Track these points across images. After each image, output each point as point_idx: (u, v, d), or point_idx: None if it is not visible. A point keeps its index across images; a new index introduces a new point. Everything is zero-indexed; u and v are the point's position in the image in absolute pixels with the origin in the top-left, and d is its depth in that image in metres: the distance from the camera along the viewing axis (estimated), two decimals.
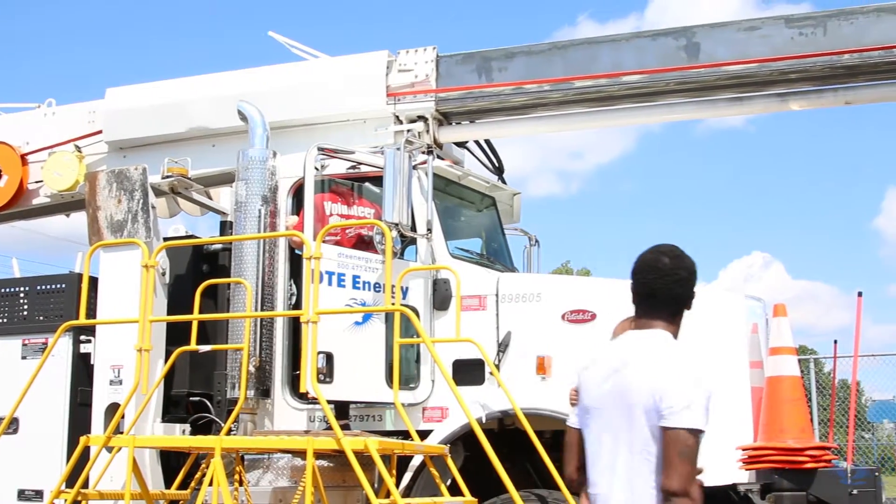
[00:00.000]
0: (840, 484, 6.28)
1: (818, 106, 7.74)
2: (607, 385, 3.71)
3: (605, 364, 3.79)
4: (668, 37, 7.74)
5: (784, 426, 6.43)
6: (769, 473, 6.33)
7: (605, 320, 6.94)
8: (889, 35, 7.24)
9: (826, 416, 15.84)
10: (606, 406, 3.70)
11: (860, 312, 6.98)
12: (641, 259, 3.94)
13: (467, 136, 8.60)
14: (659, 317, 3.94)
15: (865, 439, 33.48)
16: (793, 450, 6.28)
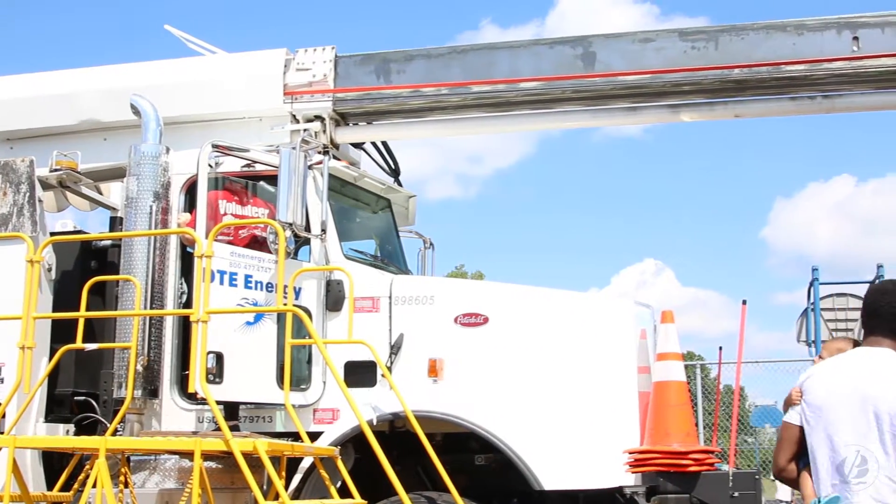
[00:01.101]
0: (722, 487, 6.43)
1: (709, 118, 7.94)
2: (846, 389, 4.14)
3: (843, 374, 4.24)
4: (566, 45, 7.85)
5: (669, 430, 6.54)
6: (654, 476, 6.44)
7: (497, 324, 7.02)
8: (777, 52, 7.46)
9: (711, 420, 16.21)
10: (851, 414, 4.10)
11: (744, 320, 7.17)
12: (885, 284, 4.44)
13: (364, 137, 8.58)
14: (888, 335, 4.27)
15: (748, 443, 34.32)
16: (677, 453, 6.39)
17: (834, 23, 7.48)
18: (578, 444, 6.69)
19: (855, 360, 4.33)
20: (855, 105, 7.76)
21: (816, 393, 4.27)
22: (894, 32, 7.37)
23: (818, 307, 21.97)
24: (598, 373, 6.87)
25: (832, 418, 4.17)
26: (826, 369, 4.39)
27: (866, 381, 4.13)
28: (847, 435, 4.11)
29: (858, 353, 4.36)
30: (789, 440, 4.46)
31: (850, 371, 4.23)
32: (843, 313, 22.38)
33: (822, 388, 4.26)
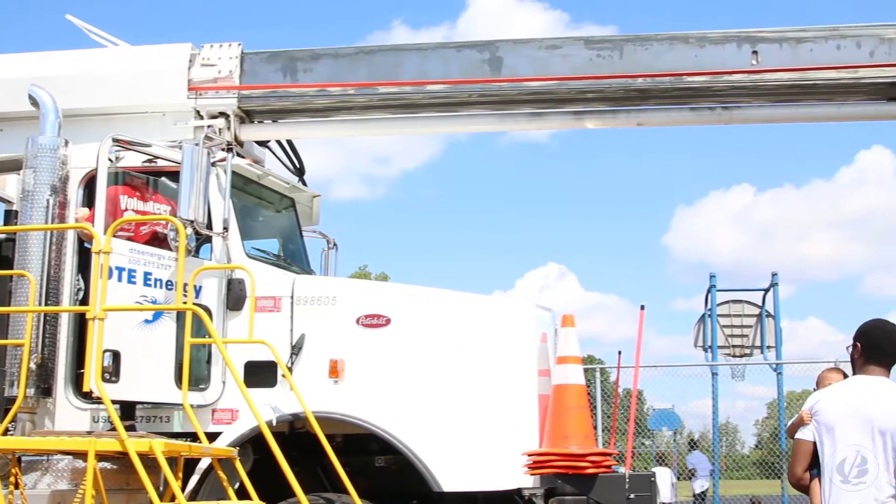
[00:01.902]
0: (619, 489, 6.55)
1: (612, 126, 8.06)
2: (858, 415, 4.93)
3: (851, 398, 5.03)
4: (473, 49, 7.89)
5: (568, 433, 6.63)
6: (553, 478, 6.53)
7: (399, 325, 7.03)
8: (680, 63, 7.62)
9: (610, 423, 16.44)
10: (858, 430, 4.90)
11: (642, 325, 7.28)
12: (888, 327, 5.18)
13: (269, 135, 8.51)
14: (889, 366, 5.15)
15: (646, 446, 34.95)
16: (575, 456, 6.49)
17: (735, 36, 7.67)
18: (478, 445, 6.74)
19: (858, 386, 5.13)
20: (753, 117, 7.97)
21: (828, 414, 5.05)
22: (792, 48, 7.59)
23: (715, 313, 22.51)
24: (498, 375, 6.93)
25: (840, 433, 4.96)
26: (834, 394, 5.19)
27: (870, 403, 4.94)
28: (849, 439, 4.91)
29: (860, 380, 5.16)
30: (804, 454, 5.24)
31: (855, 395, 5.04)
32: (738, 319, 22.97)
33: (832, 410, 5.04)
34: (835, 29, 7.67)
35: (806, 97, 7.82)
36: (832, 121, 8.13)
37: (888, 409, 4.89)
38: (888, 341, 5.14)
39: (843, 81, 7.58)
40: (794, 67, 7.55)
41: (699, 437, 27.16)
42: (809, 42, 7.61)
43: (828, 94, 7.77)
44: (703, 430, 30.20)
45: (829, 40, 7.61)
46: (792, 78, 7.57)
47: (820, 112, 7.93)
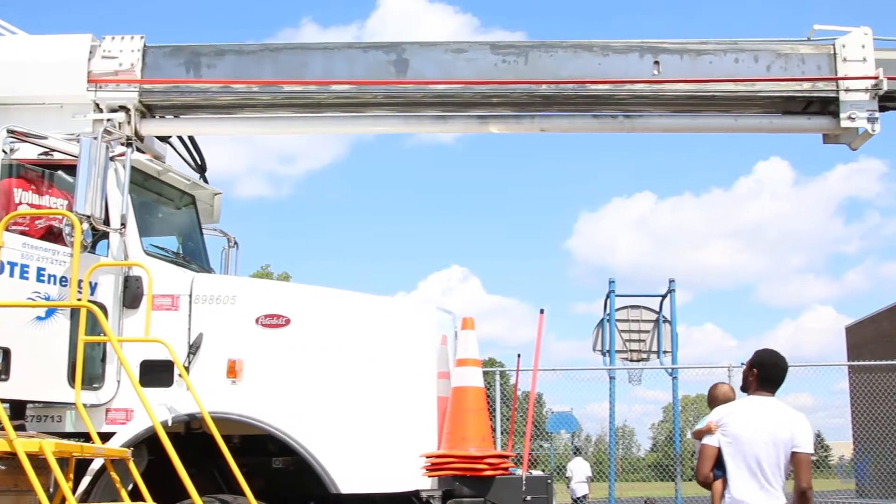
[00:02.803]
0: (516, 490, 6.61)
1: (516, 131, 8.13)
2: (754, 425, 6.04)
3: (754, 416, 6.10)
4: (379, 50, 7.89)
5: (466, 435, 6.67)
6: (450, 480, 6.57)
7: (299, 326, 6.98)
8: (584, 70, 7.73)
9: (509, 426, 16.55)
10: (753, 439, 6.00)
11: (541, 328, 7.34)
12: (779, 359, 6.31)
13: (170, 130, 8.38)
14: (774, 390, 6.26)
15: (544, 448, 35.31)
16: (473, 458, 6.53)
17: (637, 46, 7.81)
18: (376, 447, 6.73)
19: (757, 405, 6.18)
20: (653, 126, 8.12)
21: (733, 427, 6.09)
22: (692, 59, 7.76)
23: (613, 318, 22.86)
24: (397, 377, 6.94)
25: (747, 445, 6.01)
26: (739, 410, 6.23)
27: (769, 419, 6.06)
28: (753, 449, 5.98)
29: (757, 400, 6.20)
30: (710, 457, 6.17)
31: (756, 412, 6.12)
32: (636, 324, 23.36)
33: (738, 423, 6.09)
34: (734, 43, 7.86)
35: (705, 108, 7.99)
36: (729, 132, 8.33)
37: (784, 424, 6.03)
38: (778, 371, 6.29)
39: (741, 94, 7.78)
40: (694, 79, 7.72)
41: (596, 439, 27.53)
42: (709, 54, 7.79)
43: (726, 105, 7.96)
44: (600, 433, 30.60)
45: (728, 53, 7.80)
46: (691, 89, 7.74)
47: (718, 123, 8.12)
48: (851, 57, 7.76)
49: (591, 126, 8.07)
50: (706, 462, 6.18)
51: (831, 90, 7.75)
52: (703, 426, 6.40)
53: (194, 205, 8.46)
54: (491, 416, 17.00)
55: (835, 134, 7.94)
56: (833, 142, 8.03)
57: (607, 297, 23.31)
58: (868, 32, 7.81)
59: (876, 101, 7.70)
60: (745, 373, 6.37)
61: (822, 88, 7.77)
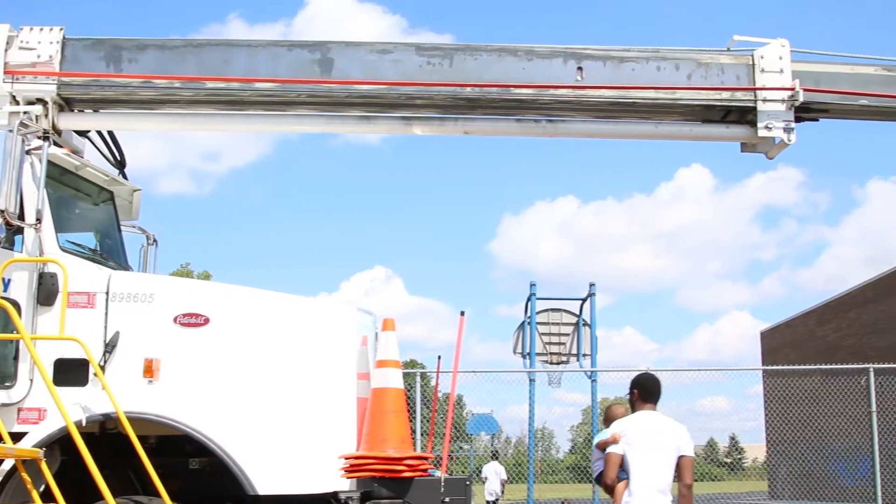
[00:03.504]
0: (434, 492, 6.63)
1: (440, 133, 8.13)
2: (649, 434, 7.14)
3: (648, 427, 7.20)
4: (304, 49, 7.84)
5: (386, 436, 6.68)
6: (369, 482, 6.57)
7: (217, 325, 6.91)
8: (508, 75, 7.77)
9: (429, 427, 16.57)
10: (649, 446, 7.09)
11: (462, 331, 7.36)
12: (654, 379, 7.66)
13: (89, 125, 8.23)
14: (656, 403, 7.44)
15: (464, 450, 35.43)
16: (392, 459, 6.54)
17: (561, 52, 7.87)
18: (294, 448, 6.70)
19: (647, 417, 7.31)
20: (575, 131, 8.19)
21: (633, 437, 7.14)
22: (615, 66, 7.85)
23: (534, 321, 23.04)
24: (316, 378, 6.91)
25: (646, 451, 7.09)
26: (635, 422, 7.30)
27: (658, 428, 7.21)
28: (649, 455, 7.06)
29: (646, 413, 7.34)
30: (616, 463, 7.14)
31: (648, 423, 7.25)
32: (556, 327, 23.57)
33: (636, 434, 7.15)
34: (656, 51, 7.97)
35: (627, 114, 8.09)
36: (650, 139, 8.43)
37: (672, 433, 7.21)
38: (654, 387, 7.53)
39: (662, 102, 7.89)
40: (616, 85, 7.80)
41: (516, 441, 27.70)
42: (632, 62, 7.89)
43: (647, 112, 8.07)
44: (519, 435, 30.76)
45: (650, 61, 7.91)
46: (614, 95, 7.82)
47: (639, 130, 8.22)
48: (769, 68, 7.92)
49: (513, 130, 8.12)
50: (613, 468, 7.18)
51: (749, 100, 7.90)
52: (608, 437, 7.33)
53: (112, 201, 8.32)
54: (411, 418, 17.00)
55: (752, 143, 8.09)
56: (750, 150, 8.19)
57: (528, 299, 23.47)
58: (786, 44, 7.98)
59: (792, 111, 7.87)
60: (630, 396, 7.62)
61: (741, 98, 7.92)
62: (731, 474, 70.14)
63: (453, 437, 32.77)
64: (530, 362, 22.71)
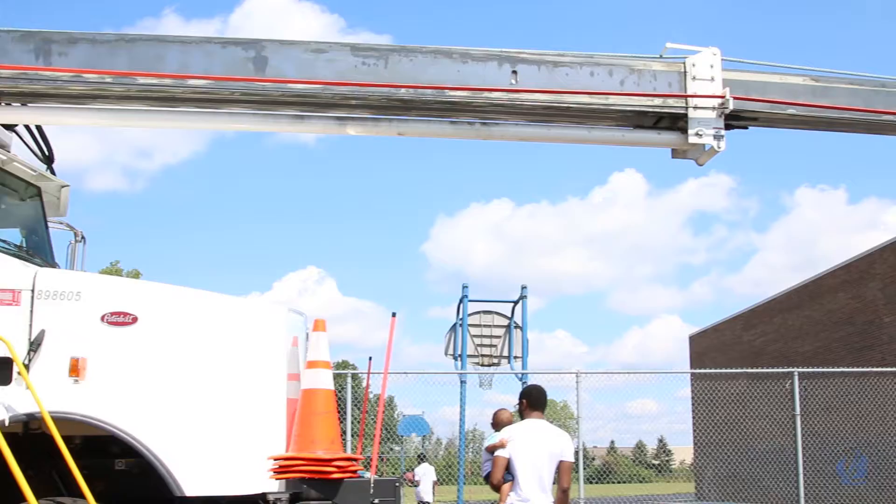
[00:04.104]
0: (363, 494, 6.63)
1: (374, 133, 8.11)
2: (535, 440, 7.93)
3: (533, 433, 8.00)
4: (238, 47, 7.77)
5: (315, 437, 6.66)
6: (298, 483, 6.54)
7: (146, 324, 6.82)
8: (443, 77, 7.78)
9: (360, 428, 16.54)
10: (534, 451, 7.88)
11: (392, 332, 7.38)
12: (541, 389, 8.49)
13: (17, 119, 8.06)
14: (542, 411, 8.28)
15: (394, 451, 35.42)
16: (322, 460, 6.52)
17: (496, 55, 7.90)
18: (222, 449, 6.64)
19: (533, 425, 8.12)
20: (509, 134, 8.23)
21: (520, 442, 7.91)
22: (549, 71, 7.90)
23: (466, 323, 23.12)
24: (246, 378, 6.85)
25: (531, 456, 7.85)
26: (521, 429, 8.11)
27: (542, 435, 8.00)
28: (532, 459, 7.83)
29: (533, 421, 8.13)
30: (503, 466, 7.90)
31: (534, 430, 8.04)
32: (488, 329, 23.68)
33: (523, 440, 7.93)
34: (590, 56, 8.04)
35: (560, 119, 8.15)
36: (583, 143, 8.49)
37: (555, 439, 8.02)
38: (541, 396, 8.37)
39: (595, 107, 7.95)
40: (550, 90, 7.85)
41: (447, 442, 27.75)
42: (566, 66, 7.94)
43: (580, 117, 8.13)
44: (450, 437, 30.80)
45: (584, 67, 7.97)
46: (547, 99, 7.87)
47: (572, 134, 8.28)
48: (701, 76, 8.03)
49: (447, 132, 8.13)
50: (500, 469, 7.96)
51: (681, 107, 8.01)
52: (497, 442, 8.16)
53: (40, 197, 8.18)
54: (341, 419, 16.95)
55: (683, 149, 8.20)
56: (681, 157, 8.30)
57: (460, 301, 23.54)
58: (717, 53, 8.10)
59: (722, 119, 7.99)
60: (519, 406, 8.51)
61: (673, 105, 8.02)
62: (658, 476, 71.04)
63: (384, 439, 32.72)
64: (462, 364, 22.78)
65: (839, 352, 32.85)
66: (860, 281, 32.51)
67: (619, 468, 61.70)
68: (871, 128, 8.49)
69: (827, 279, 35.13)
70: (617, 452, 70.56)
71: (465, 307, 23.28)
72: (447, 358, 23.55)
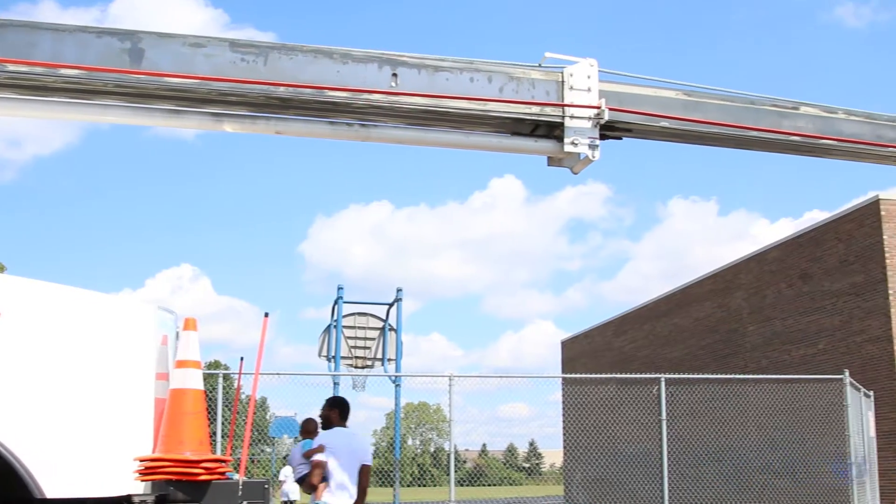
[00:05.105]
0: (232, 496, 6.55)
1: (251, 131, 8.02)
2: (346, 446, 9.71)
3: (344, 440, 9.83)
4: (114, 37, 7.59)
5: (183, 438, 6.56)
6: (164, 485, 6.43)
7: (8, 320, 6.60)
8: (323, 77, 7.73)
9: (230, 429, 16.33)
10: (345, 456, 9.65)
11: (265, 332, 7.33)
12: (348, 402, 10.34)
13: None
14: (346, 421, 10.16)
15: (266, 453, 35.06)
16: (189, 462, 6.43)
17: (377, 57, 7.90)
18: (86, 450, 6.47)
19: (343, 433, 9.91)
20: (388, 137, 8.23)
21: (334, 447, 9.61)
22: (429, 75, 7.93)
23: (340, 324, 23.05)
24: (112, 377, 6.70)
25: (343, 460, 9.50)
26: (335, 436, 9.83)
27: (351, 442, 9.86)
28: (343, 463, 9.53)
29: (342, 430, 9.95)
30: (321, 468, 9.46)
31: (344, 438, 9.86)
32: (362, 332, 23.66)
33: (337, 446, 9.64)
34: (470, 62, 8.11)
35: (439, 123, 8.19)
36: (461, 148, 8.56)
37: (360, 446, 9.91)
38: (347, 408, 10.20)
39: (473, 112, 8.02)
40: (430, 94, 7.89)
41: None
42: (446, 71, 7.99)
43: (459, 122, 8.18)
44: None
45: (464, 72, 8.03)
46: (427, 103, 7.90)
47: (450, 139, 8.33)
48: (578, 86, 8.17)
49: (326, 132, 8.09)
50: (319, 471, 9.46)
51: (557, 116, 8.13)
52: (315, 447, 9.73)
53: None
54: (212, 420, 16.70)
55: (558, 157, 8.33)
56: (556, 164, 8.43)
57: (335, 303, 23.47)
58: (594, 64, 8.25)
59: (597, 129, 8.15)
60: (327, 413, 10.19)
61: (550, 113, 8.14)
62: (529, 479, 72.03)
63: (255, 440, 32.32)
64: (335, 366, 22.70)
65: (704, 358, 33.88)
66: (726, 291, 33.58)
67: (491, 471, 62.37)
68: (739, 143, 8.77)
69: (694, 288, 36.19)
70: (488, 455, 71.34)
71: (339, 309, 23.22)
72: (321, 359, 23.46)
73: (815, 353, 28.54)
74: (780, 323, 30.24)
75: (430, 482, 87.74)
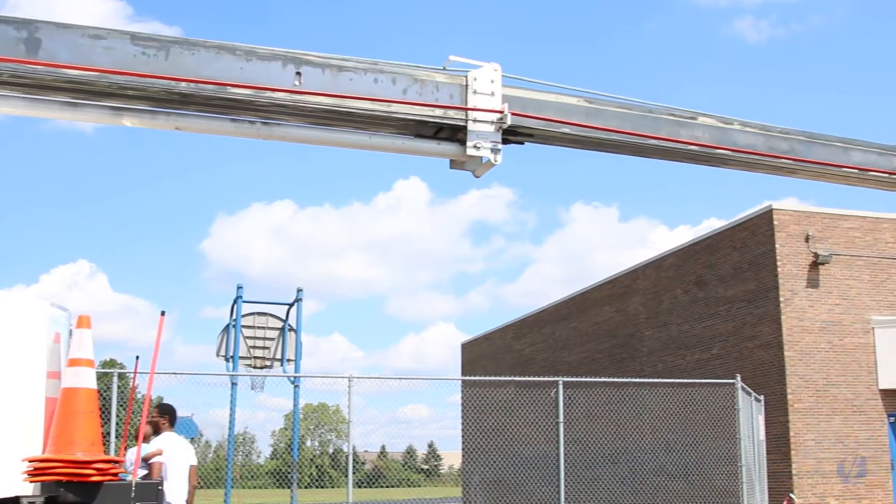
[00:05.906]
0: (125, 497, 6.45)
1: (150, 126, 7.89)
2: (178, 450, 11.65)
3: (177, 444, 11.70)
4: (10, 26, 7.39)
5: (75, 438, 6.43)
6: (55, 486, 6.29)
7: None
8: (225, 73, 7.65)
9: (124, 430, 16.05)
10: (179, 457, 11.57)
11: (161, 331, 7.23)
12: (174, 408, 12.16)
13: None
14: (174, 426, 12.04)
15: None
16: (80, 462, 6.31)
17: (281, 55, 7.84)
18: None
19: (176, 438, 11.62)
20: (290, 135, 8.17)
21: (170, 451, 11.35)
22: (333, 75, 7.91)
23: (239, 324, 22.83)
24: (1, 375, 6.54)
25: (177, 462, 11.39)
26: (170, 440, 11.48)
27: (180, 447, 11.71)
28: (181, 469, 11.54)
29: (173, 434, 11.66)
30: (160, 470, 10.95)
31: (176, 443, 11.59)
32: (261, 331, 23.46)
33: (173, 449, 11.40)
34: (374, 63, 8.10)
35: (343, 123, 8.17)
36: (363, 149, 8.54)
37: (188, 449, 11.62)
38: (175, 415, 11.78)
39: (377, 113, 8.01)
40: (334, 94, 7.86)
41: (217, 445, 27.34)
42: (350, 72, 7.97)
43: (363, 123, 8.17)
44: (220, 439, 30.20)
45: (368, 73, 8.02)
46: (330, 103, 7.87)
47: (353, 139, 8.32)
48: (481, 90, 8.23)
49: (227, 129, 7.99)
50: (158, 473, 10.73)
51: (461, 119, 8.18)
52: (154, 451, 11.03)
53: None
54: (106, 420, 16.39)
55: (461, 160, 8.38)
56: (459, 168, 8.48)
57: (234, 302, 23.23)
58: (498, 69, 8.32)
59: (500, 133, 8.22)
60: (157, 419, 11.60)
61: (453, 116, 8.18)
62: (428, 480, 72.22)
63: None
64: (234, 366, 22.47)
65: (602, 362, 34.38)
66: (624, 295, 34.11)
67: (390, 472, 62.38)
68: (637, 151, 8.93)
69: (594, 293, 36.68)
70: (387, 457, 71.32)
71: (238, 308, 22.99)
72: (219, 359, 23.19)
73: (709, 358, 29.19)
74: (676, 328, 30.85)
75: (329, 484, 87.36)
